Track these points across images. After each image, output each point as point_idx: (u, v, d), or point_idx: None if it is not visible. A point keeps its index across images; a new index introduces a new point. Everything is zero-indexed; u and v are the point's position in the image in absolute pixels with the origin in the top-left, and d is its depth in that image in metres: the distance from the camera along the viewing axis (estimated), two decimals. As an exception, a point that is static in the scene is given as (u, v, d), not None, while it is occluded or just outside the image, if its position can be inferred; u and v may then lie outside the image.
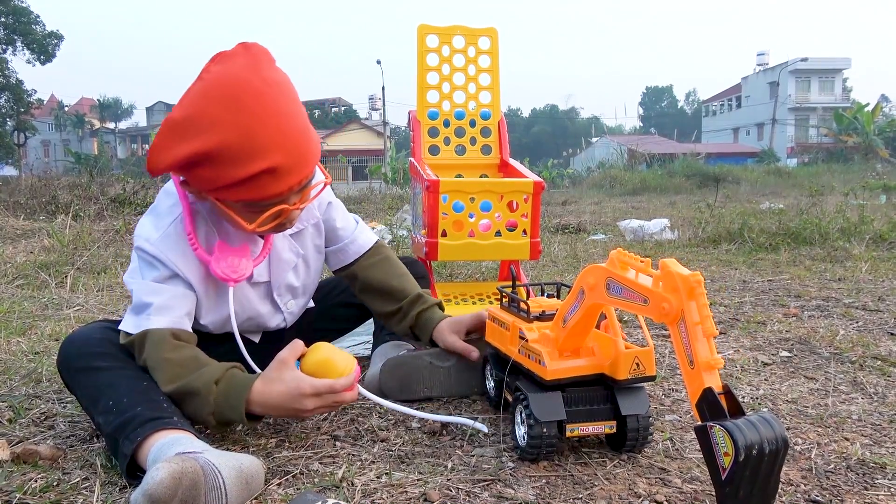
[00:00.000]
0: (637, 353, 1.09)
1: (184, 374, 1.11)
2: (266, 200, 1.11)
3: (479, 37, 2.22)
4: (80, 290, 2.78)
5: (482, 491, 0.99)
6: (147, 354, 1.13)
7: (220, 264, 1.19)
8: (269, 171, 1.06)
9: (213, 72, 1.05)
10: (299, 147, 1.09)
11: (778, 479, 0.86)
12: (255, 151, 1.04)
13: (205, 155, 1.04)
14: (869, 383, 1.50)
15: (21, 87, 27.18)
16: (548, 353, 1.12)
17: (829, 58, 41.76)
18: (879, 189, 8.99)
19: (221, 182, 1.07)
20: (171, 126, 1.05)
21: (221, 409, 1.10)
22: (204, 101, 1.03)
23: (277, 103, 1.06)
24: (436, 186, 1.82)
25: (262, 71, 1.06)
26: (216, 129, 1.02)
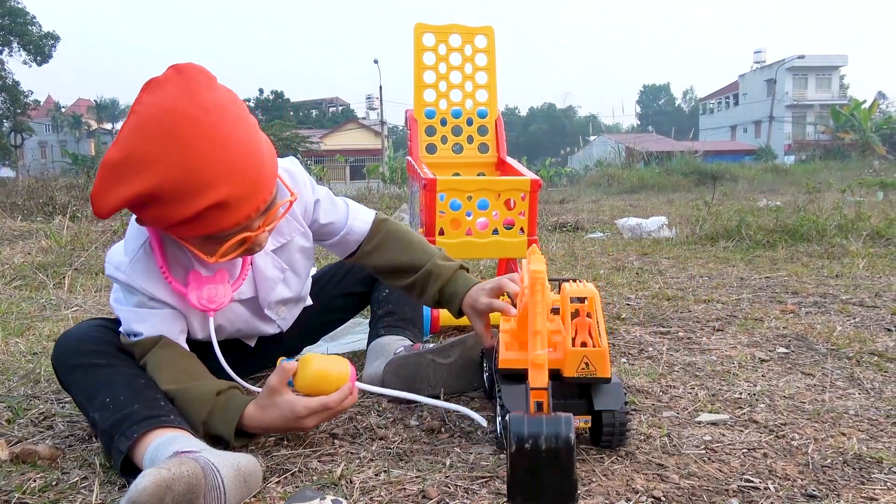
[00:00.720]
0: (587, 352, 1.07)
1: (185, 379, 1.12)
2: (224, 231, 1.05)
3: (475, 35, 2.23)
4: (78, 291, 2.78)
5: (480, 488, 0.99)
6: (153, 353, 1.14)
7: (197, 294, 1.16)
8: (218, 205, 0.99)
9: (145, 103, 0.98)
10: (248, 174, 1.01)
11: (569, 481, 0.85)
12: (199, 187, 0.97)
13: (147, 196, 0.97)
14: (866, 379, 1.51)
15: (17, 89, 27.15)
16: (505, 344, 1.14)
17: (826, 55, 41.86)
18: (876, 186, 9.00)
19: (170, 220, 1.01)
20: (108, 167, 0.97)
21: (214, 422, 1.10)
22: (139, 138, 0.96)
23: (218, 130, 0.98)
24: (433, 185, 1.82)
25: (198, 95, 0.97)
26: (154, 167, 0.95)
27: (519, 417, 0.86)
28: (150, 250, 1.16)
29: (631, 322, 2.11)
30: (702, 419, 1.27)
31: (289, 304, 1.41)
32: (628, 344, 1.85)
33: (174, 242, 1.16)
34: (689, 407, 1.34)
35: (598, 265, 3.42)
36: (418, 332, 1.58)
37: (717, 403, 1.36)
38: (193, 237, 1.07)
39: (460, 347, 1.42)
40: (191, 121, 0.96)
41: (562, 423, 0.86)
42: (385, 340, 1.50)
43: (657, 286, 2.73)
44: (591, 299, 1.10)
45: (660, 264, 3.40)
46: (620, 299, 2.48)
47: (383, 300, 1.57)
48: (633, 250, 4.02)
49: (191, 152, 0.96)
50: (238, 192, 1.00)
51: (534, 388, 0.92)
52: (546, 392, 0.93)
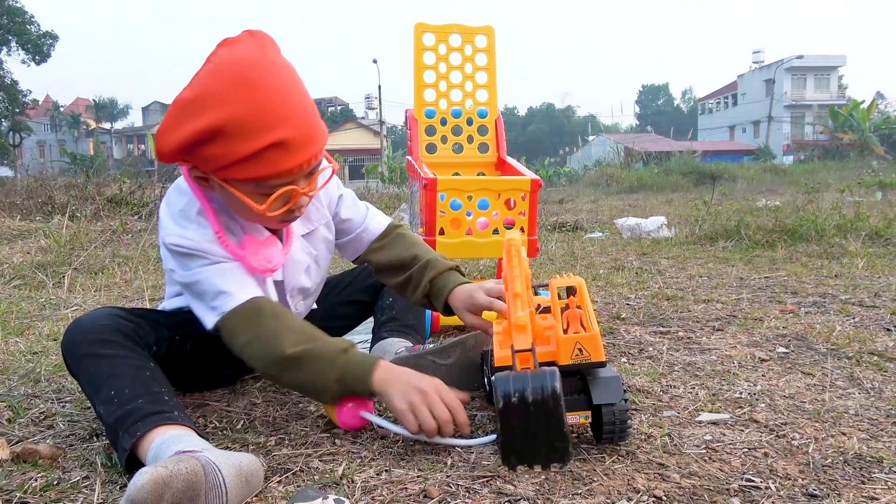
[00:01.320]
0: (579, 338, 1.06)
1: (308, 340, 1.14)
2: (275, 178, 1.09)
3: (475, 35, 2.23)
4: (77, 291, 2.78)
5: (482, 487, 0.99)
6: (259, 325, 1.14)
7: (254, 257, 1.20)
8: (279, 144, 1.05)
9: (221, 54, 1.06)
10: (307, 123, 1.09)
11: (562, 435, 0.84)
12: (264, 125, 1.04)
13: (214, 130, 1.03)
14: (866, 378, 1.51)
15: (16, 88, 27.13)
16: (499, 343, 1.13)
17: (825, 55, 41.90)
18: (875, 186, 9.01)
19: (230, 158, 1.06)
20: (179, 105, 1.05)
21: (346, 378, 1.13)
22: (212, 80, 1.04)
23: (284, 81, 1.07)
24: (433, 185, 1.82)
25: (269, 53, 1.07)
26: (225, 104, 1.03)
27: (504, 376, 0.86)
28: (205, 219, 1.19)
29: (631, 322, 2.11)
30: (702, 419, 1.27)
31: (306, 297, 1.43)
32: (628, 344, 1.85)
33: (223, 210, 1.21)
34: (690, 406, 1.34)
35: (598, 265, 3.43)
36: (420, 338, 1.60)
37: (717, 403, 1.36)
38: (247, 180, 1.10)
39: (460, 348, 1.42)
40: (260, 69, 1.04)
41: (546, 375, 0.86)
42: (387, 342, 1.52)
43: (657, 286, 2.73)
44: (579, 288, 1.10)
45: (659, 264, 3.41)
46: (620, 299, 2.48)
47: (387, 308, 1.59)
48: (632, 250, 4.02)
49: (259, 94, 1.03)
50: (297, 137, 1.07)
51: (518, 351, 0.92)
52: (531, 353, 0.93)
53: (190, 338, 1.31)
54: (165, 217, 1.22)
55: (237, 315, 1.16)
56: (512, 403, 0.84)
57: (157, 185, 6.33)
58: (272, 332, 1.14)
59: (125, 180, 6.76)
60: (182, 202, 1.21)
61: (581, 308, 1.10)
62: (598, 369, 1.10)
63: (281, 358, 1.13)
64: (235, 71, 1.03)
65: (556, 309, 1.10)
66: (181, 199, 1.22)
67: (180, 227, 1.19)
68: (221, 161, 1.07)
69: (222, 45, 1.07)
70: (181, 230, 1.19)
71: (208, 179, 1.15)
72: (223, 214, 1.22)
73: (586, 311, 1.09)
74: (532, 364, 0.91)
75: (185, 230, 1.18)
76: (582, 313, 1.09)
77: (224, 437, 1.20)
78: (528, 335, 0.92)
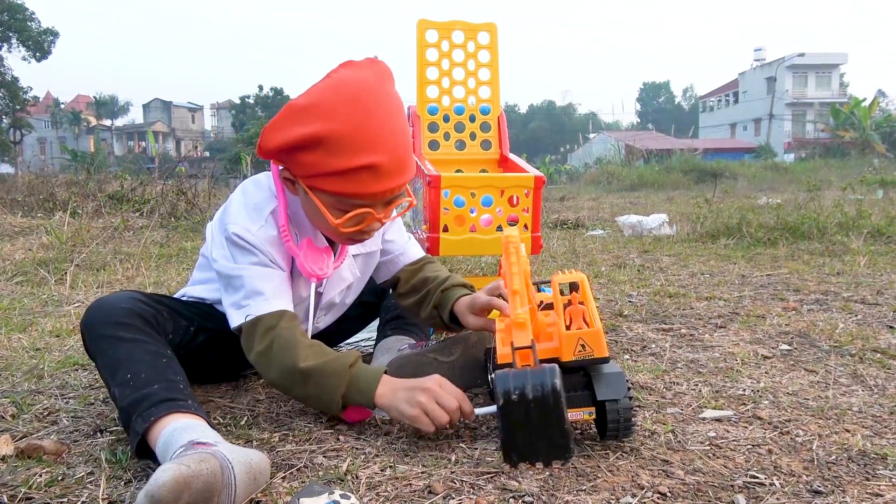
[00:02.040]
0: (581, 334, 1.06)
1: (318, 357, 1.17)
2: (358, 198, 1.15)
3: (478, 32, 2.22)
4: (79, 287, 2.78)
5: (486, 483, 0.99)
6: (277, 334, 1.18)
7: (308, 260, 1.25)
8: (371, 167, 1.10)
9: (341, 73, 1.13)
10: (402, 155, 1.15)
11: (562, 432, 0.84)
12: (362, 146, 1.09)
13: (316, 139, 1.09)
14: (869, 375, 1.51)
15: (17, 85, 27.12)
16: (501, 340, 1.14)
17: (826, 53, 41.84)
18: (876, 184, 9.01)
19: (324, 169, 1.11)
20: (291, 110, 1.11)
21: (350, 392, 1.16)
22: (328, 93, 1.10)
23: (392, 111, 1.14)
24: (437, 182, 1.82)
25: (386, 82, 1.15)
26: (332, 118, 1.08)
27: (504, 373, 0.86)
28: (276, 219, 1.24)
29: (633, 319, 2.11)
30: (706, 415, 1.27)
31: (330, 313, 1.46)
32: (631, 341, 1.85)
33: (294, 214, 1.27)
34: (693, 403, 1.34)
35: (599, 262, 3.43)
36: (423, 336, 1.61)
37: (720, 400, 1.36)
38: (332, 194, 1.15)
39: (462, 345, 1.42)
40: (374, 95, 1.11)
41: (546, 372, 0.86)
42: (391, 340, 1.53)
43: (659, 283, 2.73)
44: (581, 284, 1.10)
45: (661, 262, 3.40)
46: (622, 296, 2.48)
47: (392, 306, 1.62)
48: (633, 248, 4.02)
49: (365, 117, 1.10)
50: (389, 165, 1.12)
51: (518, 348, 0.92)
52: (531, 350, 0.93)
53: (204, 331, 1.33)
54: (238, 206, 1.25)
55: (261, 322, 1.19)
56: (512, 401, 0.84)
57: (158, 183, 6.33)
58: (288, 345, 1.17)
59: (126, 177, 6.76)
60: (259, 197, 1.26)
61: (584, 304, 1.09)
62: (602, 365, 1.10)
63: (294, 371, 1.16)
64: (350, 90, 1.10)
65: (558, 305, 1.10)
66: (258, 194, 1.27)
67: (250, 219, 1.23)
68: (314, 170, 1.12)
69: (344, 66, 1.15)
70: (250, 223, 1.23)
71: (295, 183, 1.20)
72: (296, 217, 1.28)
73: (589, 307, 1.09)
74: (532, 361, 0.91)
75: (253, 224, 1.23)
76: (584, 309, 1.09)
77: (228, 434, 1.20)
78: (527, 332, 0.92)
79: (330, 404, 1.18)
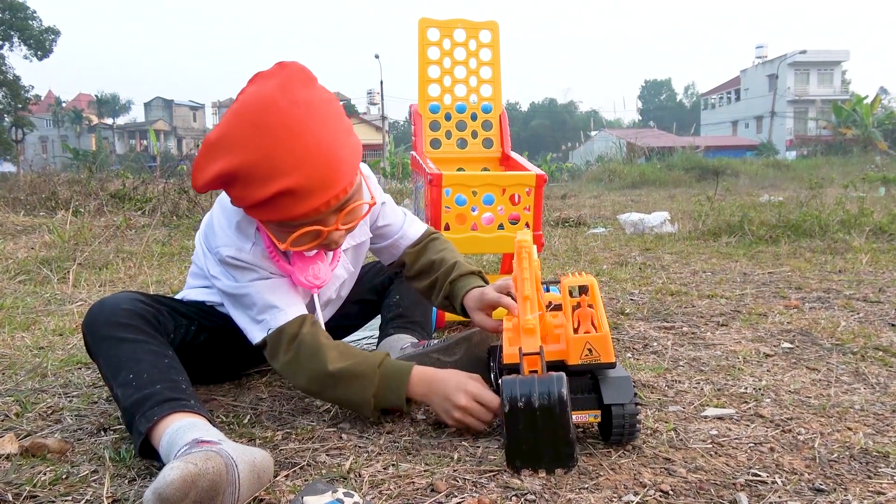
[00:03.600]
0: (589, 338, 1.06)
1: (346, 358, 1.19)
2: (293, 220, 1.11)
3: (479, 30, 2.22)
4: (82, 286, 2.78)
5: (489, 481, 1.00)
6: (301, 341, 1.19)
7: (303, 273, 1.24)
8: (287, 192, 1.06)
9: (247, 92, 1.08)
10: (321, 169, 1.07)
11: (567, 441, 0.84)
12: (272, 173, 1.04)
13: (230, 174, 1.06)
14: (871, 374, 1.51)
15: (18, 83, 27.12)
16: (508, 340, 1.13)
17: (828, 50, 41.71)
18: (878, 181, 8.99)
19: (248, 202, 1.09)
20: (206, 146, 1.08)
21: (381, 392, 1.18)
22: (234, 121, 1.05)
23: (301, 124, 1.04)
24: (439, 180, 1.82)
25: (292, 91, 1.05)
26: (240, 149, 1.04)
27: (511, 380, 0.86)
28: (262, 235, 1.23)
29: (635, 317, 2.12)
30: (708, 414, 1.28)
31: (328, 306, 1.46)
32: (633, 339, 1.85)
33: None
34: (695, 401, 1.34)
35: (601, 260, 3.43)
36: (426, 334, 1.61)
37: (722, 398, 1.36)
38: (268, 221, 1.15)
39: (465, 345, 1.42)
40: (279, 112, 1.04)
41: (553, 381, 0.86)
42: (393, 339, 1.53)
43: (660, 281, 2.73)
44: (591, 288, 1.10)
45: (662, 259, 3.40)
46: (624, 294, 2.48)
47: (394, 305, 1.62)
48: (635, 246, 4.02)
49: (271, 140, 1.03)
50: (307, 184, 1.06)
51: (527, 354, 0.93)
52: (539, 356, 0.93)
53: (205, 330, 1.34)
54: (222, 227, 1.24)
55: (284, 333, 1.20)
56: (518, 408, 0.84)
57: (159, 181, 6.33)
58: (315, 350, 1.19)
59: (128, 176, 6.77)
60: (240, 214, 1.23)
61: (592, 307, 1.10)
62: (609, 369, 1.10)
63: (323, 374, 1.18)
64: (254, 114, 1.04)
65: (567, 307, 1.10)
66: (239, 212, 1.23)
67: (239, 240, 1.23)
68: (242, 203, 1.11)
69: (251, 82, 1.09)
70: (241, 244, 1.22)
71: None
72: None
73: (597, 311, 1.09)
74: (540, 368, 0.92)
75: (244, 244, 1.22)
76: (593, 312, 1.09)
77: (231, 432, 1.21)
78: (536, 338, 0.92)
79: (362, 405, 1.19)
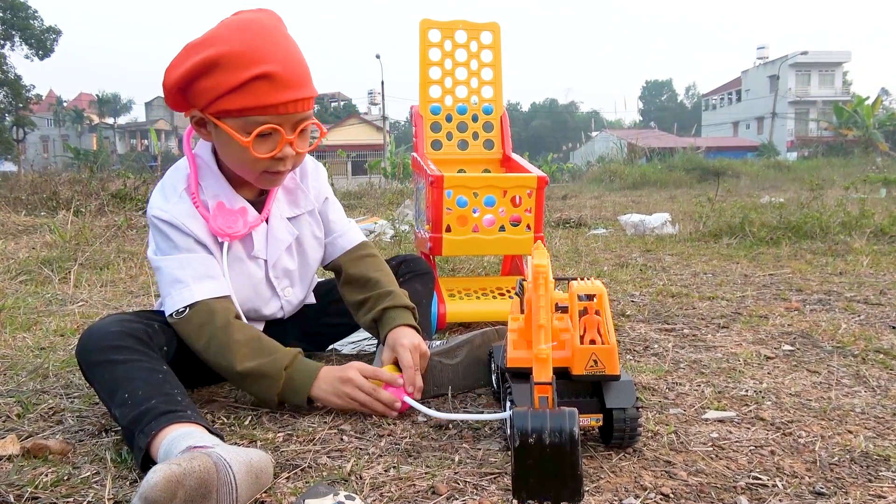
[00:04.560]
0: (595, 349, 1.07)
1: (255, 357, 1.23)
2: (261, 112, 1.18)
3: (481, 31, 2.22)
4: (83, 286, 2.78)
5: (489, 484, 1.00)
6: (213, 335, 1.23)
7: (217, 220, 1.29)
8: (266, 76, 1.15)
9: (232, 16, 1.22)
10: (297, 68, 1.19)
11: (575, 477, 0.84)
12: (253, 59, 1.15)
13: (209, 63, 1.15)
14: (872, 377, 1.51)
15: (19, 83, 27.13)
16: (513, 342, 1.14)
17: (830, 51, 41.69)
18: (880, 183, 8.98)
19: (223, 89, 1.16)
20: (187, 48, 1.18)
21: (286, 393, 1.25)
22: (219, 27, 1.19)
23: (283, 33, 1.21)
24: (440, 182, 1.83)
25: (272, 16, 1.22)
26: (222, 43, 1.16)
27: (522, 413, 0.87)
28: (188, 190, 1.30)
29: (636, 319, 2.12)
30: (708, 416, 1.28)
31: (293, 282, 1.48)
32: (633, 341, 1.85)
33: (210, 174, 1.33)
34: (696, 404, 1.34)
35: (602, 262, 3.43)
36: (426, 336, 1.59)
37: (723, 401, 1.36)
38: (236, 113, 1.18)
39: (467, 347, 1.43)
40: (261, 23, 1.19)
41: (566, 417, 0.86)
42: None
43: (661, 283, 2.74)
44: (600, 296, 1.10)
45: (663, 261, 3.40)
46: (624, 296, 2.48)
47: None
48: (636, 247, 4.02)
49: (254, 36, 1.17)
50: (283, 74, 1.17)
51: (538, 383, 0.93)
52: (550, 387, 0.93)
53: None
54: (156, 192, 1.32)
55: (190, 320, 1.24)
56: (528, 443, 0.84)
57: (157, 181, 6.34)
58: (224, 345, 1.24)
59: (129, 176, 6.78)
60: (174, 178, 1.32)
61: (599, 314, 1.10)
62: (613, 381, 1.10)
63: (231, 372, 1.24)
64: (241, 21, 1.18)
65: (573, 313, 1.10)
66: (174, 175, 1.33)
67: (164, 198, 1.30)
68: (215, 92, 1.17)
69: (235, 14, 1.22)
70: (163, 202, 1.29)
71: (206, 125, 1.25)
72: (208, 178, 1.33)
73: (605, 321, 1.09)
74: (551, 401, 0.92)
75: (166, 202, 1.29)
76: (600, 320, 1.09)
77: (232, 433, 1.21)
78: (549, 368, 0.93)
79: (268, 403, 1.28)
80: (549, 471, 0.85)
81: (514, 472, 0.86)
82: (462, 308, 1.98)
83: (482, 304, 2.02)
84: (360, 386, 1.25)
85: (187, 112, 1.26)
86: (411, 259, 1.71)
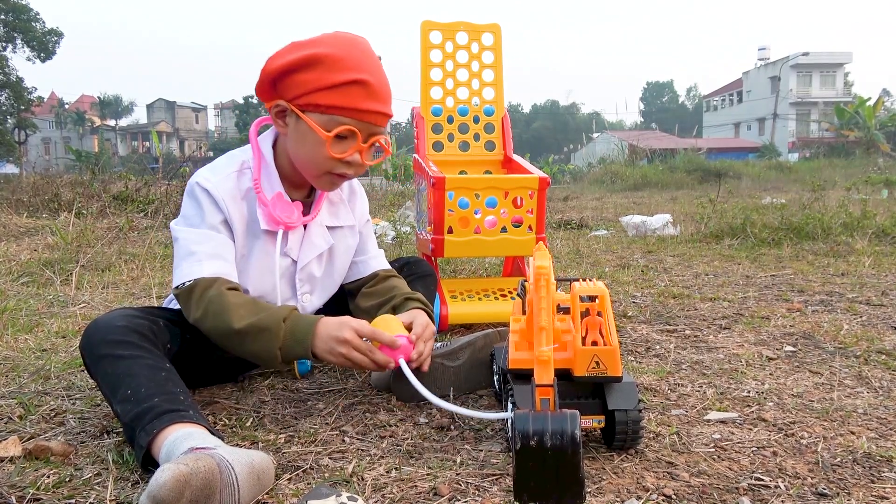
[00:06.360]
0: (597, 351, 1.07)
1: (252, 314, 1.22)
2: (350, 114, 1.25)
3: (482, 33, 2.23)
4: (85, 288, 2.79)
5: (491, 485, 1.00)
6: (209, 300, 1.23)
7: (276, 209, 1.33)
8: (361, 82, 1.24)
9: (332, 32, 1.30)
10: (386, 84, 1.29)
11: (576, 479, 0.84)
12: (353, 66, 1.24)
13: (314, 59, 1.23)
14: (874, 377, 1.51)
15: (21, 85, 27.16)
16: (514, 344, 1.14)
17: (831, 52, 41.68)
18: (881, 183, 8.98)
19: (320, 84, 1.23)
20: (294, 43, 1.27)
21: (289, 344, 1.22)
22: (324, 36, 1.28)
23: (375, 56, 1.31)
24: (442, 183, 1.83)
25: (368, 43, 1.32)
26: (328, 46, 1.25)
27: (524, 415, 0.87)
28: (240, 178, 1.33)
29: (637, 320, 2.11)
30: (710, 417, 1.28)
31: (314, 290, 1.48)
32: (635, 342, 1.85)
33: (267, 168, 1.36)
34: (698, 405, 1.34)
35: (603, 263, 3.43)
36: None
37: (725, 402, 1.36)
38: (327, 108, 1.25)
39: (469, 349, 1.43)
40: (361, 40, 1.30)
41: (567, 419, 0.86)
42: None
43: (663, 284, 2.73)
44: (602, 298, 1.10)
45: (665, 262, 3.40)
46: (626, 297, 2.48)
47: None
48: (637, 248, 4.02)
49: (355, 48, 1.27)
50: (376, 87, 1.26)
51: (539, 385, 0.93)
52: (552, 389, 0.93)
53: (198, 335, 1.32)
54: (204, 168, 1.35)
55: (195, 289, 1.25)
56: (530, 446, 0.84)
57: (162, 183, 6.35)
58: (221, 308, 1.23)
59: (130, 177, 6.78)
60: (227, 161, 1.36)
61: (601, 315, 1.09)
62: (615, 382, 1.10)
63: (231, 332, 1.22)
64: (344, 35, 1.29)
65: (575, 314, 1.10)
66: (228, 159, 1.37)
67: (214, 170, 1.34)
68: (310, 86, 1.24)
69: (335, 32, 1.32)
70: (212, 174, 1.32)
71: (285, 116, 1.29)
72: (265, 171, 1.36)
73: (607, 322, 1.09)
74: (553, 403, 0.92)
75: (215, 175, 1.32)
76: (602, 322, 1.09)
77: (233, 435, 1.21)
78: (550, 371, 0.93)
79: (271, 359, 1.23)
80: (550, 473, 0.85)
81: (516, 473, 0.86)
82: (464, 309, 1.97)
83: (484, 305, 2.02)
84: (356, 347, 1.24)
85: (270, 101, 1.30)
86: (414, 261, 1.71)
